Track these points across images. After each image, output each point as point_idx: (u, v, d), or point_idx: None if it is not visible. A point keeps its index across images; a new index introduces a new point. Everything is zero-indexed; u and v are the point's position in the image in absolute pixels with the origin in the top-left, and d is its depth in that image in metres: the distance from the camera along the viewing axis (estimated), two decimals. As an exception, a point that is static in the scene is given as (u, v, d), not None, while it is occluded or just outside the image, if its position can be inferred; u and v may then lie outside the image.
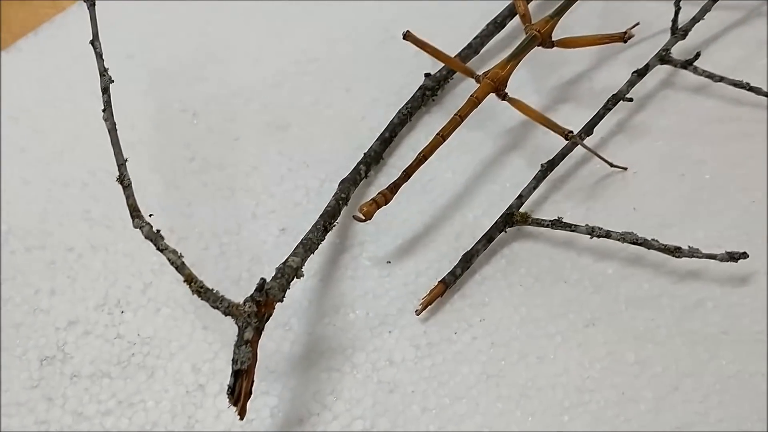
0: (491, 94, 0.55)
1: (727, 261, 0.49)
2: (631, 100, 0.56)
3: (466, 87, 0.61)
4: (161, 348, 0.53)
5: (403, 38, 0.56)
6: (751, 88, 0.58)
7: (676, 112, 0.60)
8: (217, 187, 0.59)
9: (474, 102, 0.54)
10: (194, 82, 0.65)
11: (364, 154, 0.58)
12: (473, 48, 0.62)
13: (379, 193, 0.51)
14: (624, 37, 0.55)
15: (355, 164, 0.57)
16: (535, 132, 0.59)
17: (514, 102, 0.55)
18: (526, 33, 0.57)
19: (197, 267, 0.55)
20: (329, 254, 0.55)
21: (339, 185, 0.56)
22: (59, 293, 0.55)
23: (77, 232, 0.58)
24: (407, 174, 0.52)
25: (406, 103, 0.60)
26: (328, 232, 0.53)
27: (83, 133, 0.63)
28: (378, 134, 0.59)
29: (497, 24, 0.63)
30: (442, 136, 0.53)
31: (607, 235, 0.51)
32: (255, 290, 0.46)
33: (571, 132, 0.52)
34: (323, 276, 0.54)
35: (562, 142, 0.56)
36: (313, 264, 0.54)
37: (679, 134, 0.59)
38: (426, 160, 0.53)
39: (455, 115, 0.54)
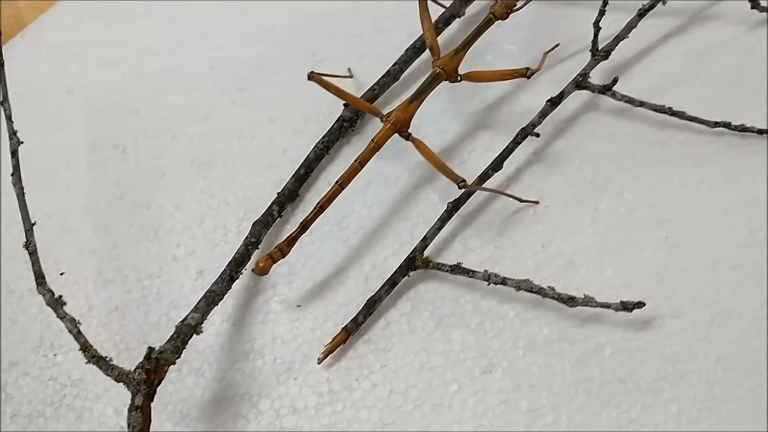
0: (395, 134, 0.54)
1: (621, 311, 0.49)
2: (537, 135, 0.55)
3: (385, 116, 0.61)
4: (88, 390, 0.56)
5: (308, 79, 0.56)
6: (673, 113, 0.55)
7: (598, 138, 0.58)
8: (142, 227, 0.61)
9: (374, 147, 0.53)
10: (127, 118, 0.66)
11: (278, 193, 0.58)
12: (392, 75, 0.61)
13: (275, 247, 0.52)
14: (527, 74, 0.53)
15: (268, 206, 0.58)
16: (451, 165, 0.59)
17: (416, 143, 0.54)
18: (432, 68, 0.55)
19: (121, 311, 0.58)
20: (242, 297, 0.57)
21: (251, 228, 0.57)
22: (3, 335, 0.59)
23: (17, 275, 0.61)
24: (304, 227, 0.53)
25: (323, 137, 0.60)
26: (234, 281, 0.54)
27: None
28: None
29: (416, 49, 0.61)
30: (340, 185, 0.53)
31: (503, 282, 0.51)
32: (144, 358, 0.48)
33: (464, 181, 0.51)
34: (236, 320, 0.56)
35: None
36: (226, 308, 0.56)
37: (599, 162, 0.57)
38: (323, 210, 0.53)
39: (355, 161, 0.53)
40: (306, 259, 0.57)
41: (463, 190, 0.52)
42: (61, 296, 0.50)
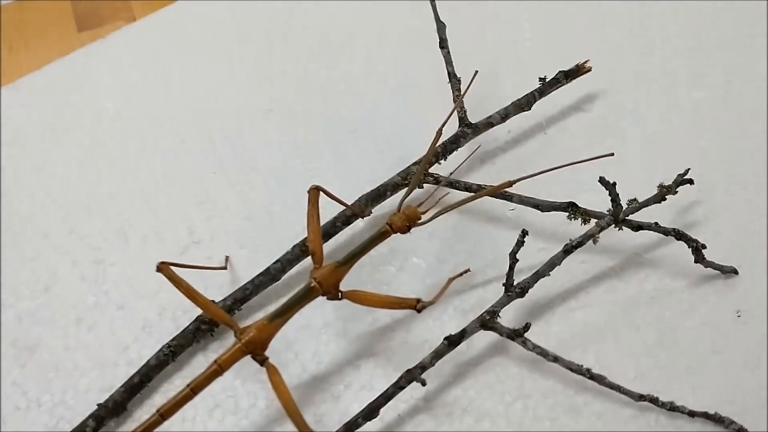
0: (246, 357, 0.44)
1: None
2: (423, 383, 0.44)
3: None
4: None
5: (156, 270, 0.45)
6: (591, 376, 0.45)
7: (500, 392, 0.47)
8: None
9: (215, 372, 0.42)
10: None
11: (98, 404, 0.46)
12: (271, 274, 0.51)
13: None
14: (417, 307, 0.43)
15: (83, 419, 0.46)
16: (311, 400, 0.47)
17: (270, 372, 0.42)
18: (308, 280, 0.45)
19: None
20: None
21: (55, 445, 0.44)
22: None
23: None
24: (102, 466, 0.41)
25: (172, 339, 0.49)
26: None
27: None
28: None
29: (305, 248, 0.51)
30: (161, 414, 0.41)
31: None
32: None
33: (312, 436, 0.40)
34: None
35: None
36: None
37: (498, 423, 0.46)
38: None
39: (187, 387, 0.42)
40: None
41: (312, 449, 0.40)
42: None
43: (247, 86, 0.63)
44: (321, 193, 0.47)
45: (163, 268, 0.45)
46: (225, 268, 0.53)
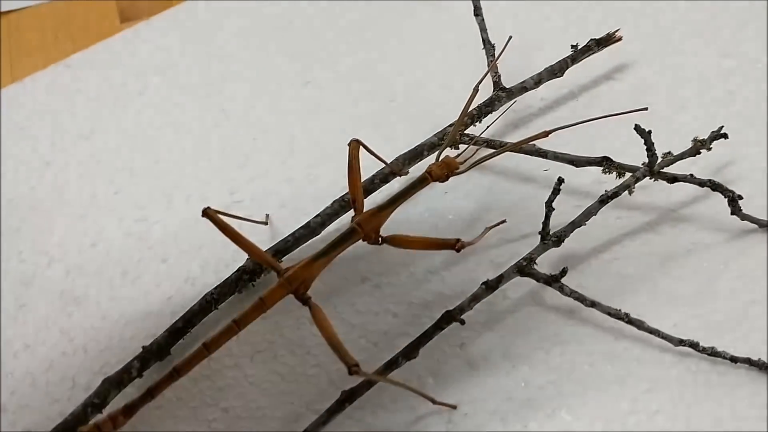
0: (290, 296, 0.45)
1: None
2: (463, 322, 0.45)
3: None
4: None
5: (202, 215, 0.47)
6: (630, 320, 0.46)
7: (537, 339, 0.47)
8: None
9: (259, 305, 0.43)
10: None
11: (143, 347, 0.47)
12: (311, 228, 0.52)
13: (107, 416, 0.41)
14: (457, 246, 0.44)
15: (128, 361, 0.47)
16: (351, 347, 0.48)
17: (314, 310, 0.44)
18: (351, 224, 0.46)
19: None
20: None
21: (100, 385, 0.45)
22: None
23: None
24: (150, 393, 0.41)
25: (215, 287, 0.50)
26: (55, 452, 0.43)
27: None
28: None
29: (344, 203, 0.53)
30: (206, 347, 0.42)
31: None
32: None
33: (356, 366, 0.41)
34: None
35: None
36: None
37: (535, 370, 0.46)
38: (180, 376, 0.42)
39: (232, 321, 0.43)
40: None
41: (355, 376, 0.41)
42: None
43: (286, 59, 0.65)
44: (361, 147, 0.49)
45: (209, 213, 0.46)
46: (266, 223, 0.54)
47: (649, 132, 0.47)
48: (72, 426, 0.43)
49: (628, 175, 0.50)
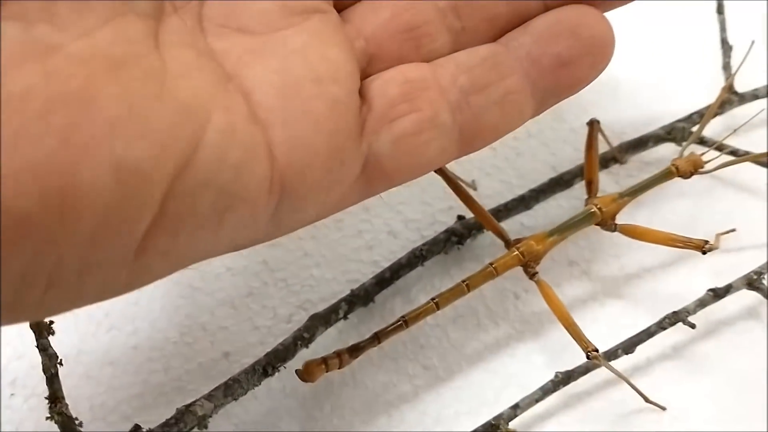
0: (518, 268, 0.44)
1: None
2: (693, 326, 0.43)
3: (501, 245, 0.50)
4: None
5: (436, 171, 0.46)
6: None
7: (753, 353, 0.46)
8: (178, 278, 0.50)
9: (490, 273, 0.43)
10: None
11: (352, 290, 0.47)
12: (524, 201, 0.51)
13: (334, 352, 0.41)
14: (704, 248, 0.43)
15: (336, 300, 0.47)
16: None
17: (542, 287, 0.43)
18: (586, 206, 0.45)
19: (116, 366, 0.47)
20: (270, 401, 0.45)
21: (308, 320, 0.46)
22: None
23: None
24: (377, 338, 0.41)
25: (424, 243, 0.49)
26: (268, 377, 0.43)
27: None
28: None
29: (562, 181, 0.51)
30: (436, 303, 0.42)
31: (608, 498, 0.38)
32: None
33: (596, 350, 0.40)
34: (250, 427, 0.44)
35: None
36: (248, 409, 0.44)
37: (748, 385, 0.45)
38: (407, 327, 0.42)
39: (462, 282, 0.43)
40: (358, 379, 0.46)
41: (590, 360, 0.40)
42: (52, 321, 0.39)
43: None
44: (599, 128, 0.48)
45: (443, 172, 0.46)
46: (474, 188, 0.53)
47: None
48: (282, 355, 0.43)
49: None
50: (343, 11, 0.41)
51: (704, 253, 0.43)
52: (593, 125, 0.46)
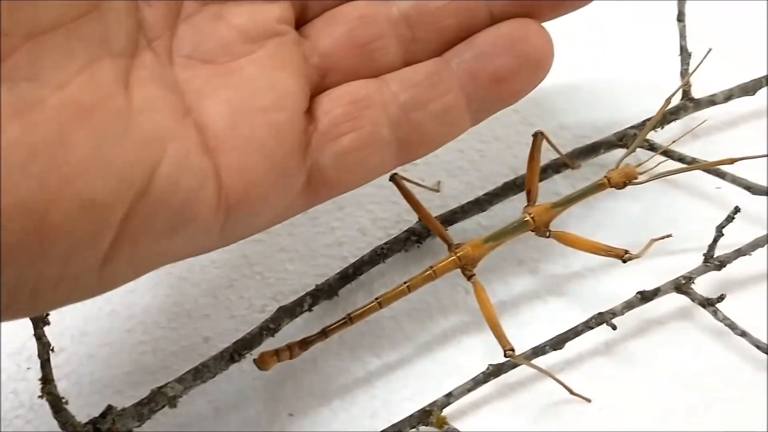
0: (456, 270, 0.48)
1: None
2: (614, 327, 0.47)
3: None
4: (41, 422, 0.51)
5: (389, 179, 0.51)
6: (777, 357, 0.47)
7: (683, 354, 0.50)
8: (169, 270, 0.56)
9: (429, 276, 0.48)
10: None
11: (317, 285, 0.53)
12: (479, 204, 0.55)
13: (285, 345, 0.47)
14: (623, 257, 0.46)
15: (300, 294, 0.52)
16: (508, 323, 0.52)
17: (477, 287, 0.48)
18: (522, 214, 0.49)
19: (111, 347, 0.54)
20: (236, 384, 0.51)
21: (275, 311, 0.51)
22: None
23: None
24: (324, 333, 0.47)
25: (386, 242, 0.54)
26: (234, 363, 0.49)
27: None
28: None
29: (514, 186, 0.55)
30: (379, 303, 0.47)
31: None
32: (99, 415, 0.43)
33: (511, 350, 0.44)
34: (220, 406, 0.50)
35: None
36: (216, 391, 0.50)
37: (675, 378, 0.49)
38: (351, 323, 0.47)
39: (404, 283, 0.48)
40: (318, 365, 0.51)
41: (508, 359, 0.45)
42: (47, 314, 0.46)
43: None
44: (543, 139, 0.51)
45: (396, 179, 0.50)
46: (438, 190, 0.58)
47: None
48: (249, 344, 0.49)
49: (805, 212, 0.50)
50: (304, 26, 0.45)
51: (624, 261, 0.46)
52: (537, 137, 0.50)
